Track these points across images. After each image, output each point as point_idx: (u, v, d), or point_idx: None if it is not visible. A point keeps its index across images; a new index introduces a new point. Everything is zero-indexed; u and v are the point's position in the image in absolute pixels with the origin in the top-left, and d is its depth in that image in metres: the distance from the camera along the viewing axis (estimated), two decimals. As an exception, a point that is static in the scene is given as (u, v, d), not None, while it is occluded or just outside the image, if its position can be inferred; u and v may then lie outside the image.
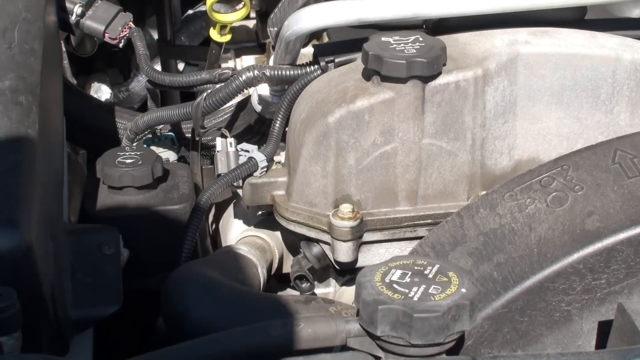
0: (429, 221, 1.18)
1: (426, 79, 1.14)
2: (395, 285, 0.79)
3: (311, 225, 1.16)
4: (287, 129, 1.23)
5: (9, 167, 0.83)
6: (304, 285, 1.19)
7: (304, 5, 1.25)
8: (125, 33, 1.44)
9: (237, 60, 1.79)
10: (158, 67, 1.88)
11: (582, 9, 1.30)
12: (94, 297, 0.95)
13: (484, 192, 1.15)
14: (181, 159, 1.41)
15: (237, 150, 1.21)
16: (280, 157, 1.24)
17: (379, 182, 1.16)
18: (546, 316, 0.89)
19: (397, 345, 0.77)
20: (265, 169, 1.20)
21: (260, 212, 1.25)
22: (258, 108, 1.30)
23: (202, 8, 2.03)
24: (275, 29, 1.26)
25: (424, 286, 0.79)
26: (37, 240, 0.81)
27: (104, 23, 1.43)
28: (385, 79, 1.14)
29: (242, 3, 1.41)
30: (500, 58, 1.18)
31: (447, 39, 1.20)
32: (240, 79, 1.24)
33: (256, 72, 1.24)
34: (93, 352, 1.01)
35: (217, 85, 1.30)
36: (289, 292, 1.27)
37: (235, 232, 1.31)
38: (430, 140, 1.16)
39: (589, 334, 0.90)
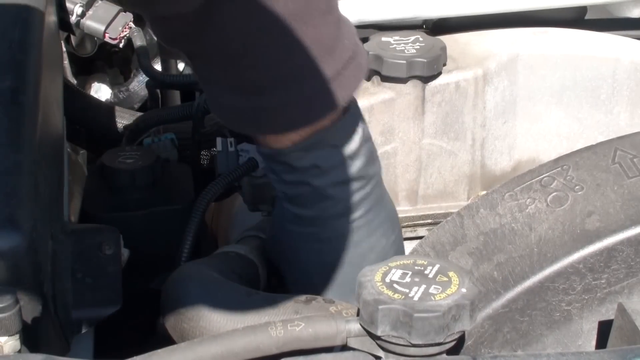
0: (429, 221, 1.18)
1: (426, 79, 1.14)
2: (395, 285, 0.79)
3: (311, 225, 1.16)
4: (287, 129, 1.23)
5: (9, 167, 0.83)
6: (304, 285, 1.19)
7: (304, 5, 1.25)
8: (125, 33, 1.44)
9: (237, 60, 1.79)
10: (158, 67, 1.88)
11: (582, 9, 1.30)
12: (94, 297, 0.95)
13: (484, 192, 1.15)
14: (181, 159, 1.41)
15: (237, 150, 1.21)
16: (281, 157, 1.24)
17: (379, 182, 1.16)
18: (546, 316, 0.89)
19: (398, 345, 0.77)
20: (265, 169, 1.20)
21: (260, 212, 1.25)
22: (258, 108, 1.29)
23: (203, 8, 2.02)
24: (275, 29, 1.26)
25: (424, 286, 0.79)
26: (37, 240, 0.81)
27: (104, 23, 1.43)
28: (385, 79, 1.14)
29: (242, 3, 1.41)
30: (500, 58, 1.18)
31: (447, 39, 1.20)
32: (240, 78, 1.24)
33: (256, 72, 1.23)
34: (93, 352, 1.01)
35: (217, 85, 1.30)
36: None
37: (235, 232, 1.31)
38: (430, 140, 1.17)
39: (589, 333, 0.90)
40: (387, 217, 1.00)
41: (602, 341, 0.89)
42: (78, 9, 1.41)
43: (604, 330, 0.89)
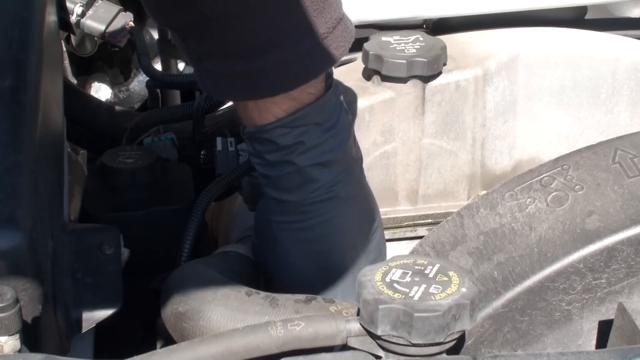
0: (429, 221, 1.18)
1: (426, 79, 1.14)
2: (395, 285, 0.79)
3: (311, 224, 1.16)
4: (287, 128, 1.23)
5: (9, 167, 0.83)
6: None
7: (304, 5, 1.25)
8: (125, 33, 1.44)
9: (237, 60, 1.78)
10: (158, 67, 1.88)
11: (582, 9, 1.30)
12: (94, 297, 0.95)
13: (484, 192, 1.15)
14: (181, 159, 1.41)
15: (237, 150, 1.21)
16: (281, 157, 1.24)
17: (379, 182, 1.16)
18: (546, 315, 0.89)
19: (398, 345, 0.77)
20: (265, 169, 1.20)
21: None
22: (258, 108, 1.29)
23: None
24: (276, 28, 1.26)
25: (424, 285, 0.79)
26: (37, 239, 0.81)
27: (104, 23, 1.43)
28: (385, 78, 1.14)
29: (242, 3, 1.41)
30: (500, 58, 1.18)
31: (447, 38, 1.20)
32: (240, 78, 1.24)
33: (256, 71, 1.23)
34: (93, 352, 1.01)
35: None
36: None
37: (235, 231, 1.31)
38: (430, 139, 1.17)
39: (589, 333, 0.90)
40: (368, 203, 1.01)
41: (602, 341, 0.89)
42: (78, 9, 1.41)
43: (604, 329, 0.89)
